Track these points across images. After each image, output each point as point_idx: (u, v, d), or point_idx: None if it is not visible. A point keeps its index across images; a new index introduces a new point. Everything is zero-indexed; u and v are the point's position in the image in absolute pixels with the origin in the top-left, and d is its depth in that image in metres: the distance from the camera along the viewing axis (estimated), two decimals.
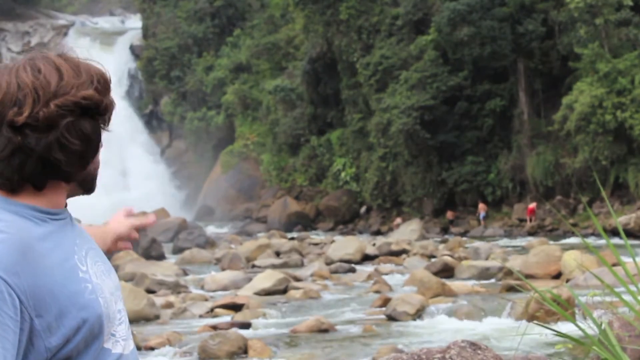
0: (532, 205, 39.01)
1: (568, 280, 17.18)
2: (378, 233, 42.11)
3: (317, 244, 32.96)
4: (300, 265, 25.18)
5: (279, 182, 52.66)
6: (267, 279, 19.61)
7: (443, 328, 14.17)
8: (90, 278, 1.78)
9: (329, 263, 25.05)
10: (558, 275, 18.88)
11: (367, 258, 26.50)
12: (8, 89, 1.72)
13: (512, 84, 42.08)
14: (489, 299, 16.11)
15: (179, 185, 61.39)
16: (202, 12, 62.02)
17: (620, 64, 36.13)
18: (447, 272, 21.13)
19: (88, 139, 1.76)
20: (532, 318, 10.93)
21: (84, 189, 1.87)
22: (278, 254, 27.65)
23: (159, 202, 50.34)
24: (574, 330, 3.43)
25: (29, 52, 1.82)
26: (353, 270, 23.71)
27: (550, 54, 41.07)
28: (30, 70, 1.73)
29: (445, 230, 41.06)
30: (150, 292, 19.14)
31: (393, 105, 42.38)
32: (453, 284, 18.31)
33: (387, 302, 16.25)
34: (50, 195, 1.80)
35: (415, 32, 44.46)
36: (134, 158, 60.80)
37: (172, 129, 64.63)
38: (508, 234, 38.17)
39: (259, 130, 55.95)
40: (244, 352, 12.66)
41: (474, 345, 5.64)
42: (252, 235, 41.09)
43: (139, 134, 64.35)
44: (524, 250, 26.28)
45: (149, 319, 15.92)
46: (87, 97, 1.75)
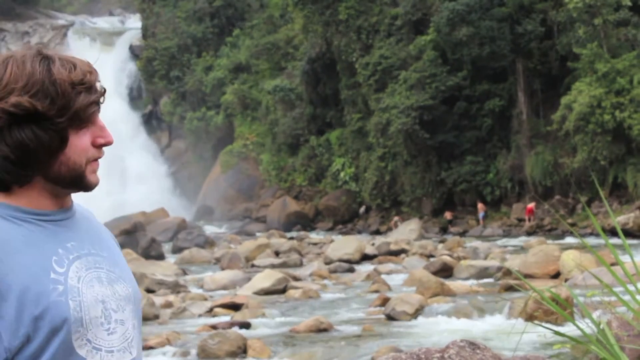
0: (530, 205, 39.02)
1: (567, 280, 17.18)
2: (377, 233, 42.12)
3: (316, 244, 32.99)
4: (300, 265, 25.20)
5: (278, 182, 52.67)
6: (266, 279, 19.63)
7: (442, 328, 14.17)
8: (66, 281, 1.74)
9: (328, 263, 25.07)
10: (557, 275, 18.89)
11: (366, 258, 26.51)
12: None
13: (511, 84, 42.09)
14: (488, 299, 16.11)
15: (178, 185, 61.36)
16: (201, 12, 62.01)
17: (619, 64, 36.13)
18: (446, 271, 21.14)
19: (21, 146, 1.74)
20: (530, 317, 10.95)
21: (74, 188, 1.82)
22: (277, 254, 27.66)
23: (159, 202, 50.33)
24: (573, 330, 3.44)
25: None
26: (352, 270, 23.72)
27: (549, 54, 41.09)
28: None
29: (444, 230, 41.06)
30: (150, 291, 19.16)
31: (392, 105, 42.38)
32: (452, 284, 18.32)
33: (386, 301, 16.25)
34: (29, 195, 1.79)
35: (415, 32, 44.47)
36: (134, 158, 60.76)
37: (171, 129, 64.62)
38: (507, 234, 38.17)
39: (259, 130, 55.96)
40: (243, 351, 12.66)
41: (473, 345, 5.64)
42: (251, 235, 41.07)
43: (139, 134, 64.34)
44: (523, 250, 26.28)
45: (149, 319, 15.92)
46: (16, 104, 1.73)
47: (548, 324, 6.86)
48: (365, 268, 24.06)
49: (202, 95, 60.34)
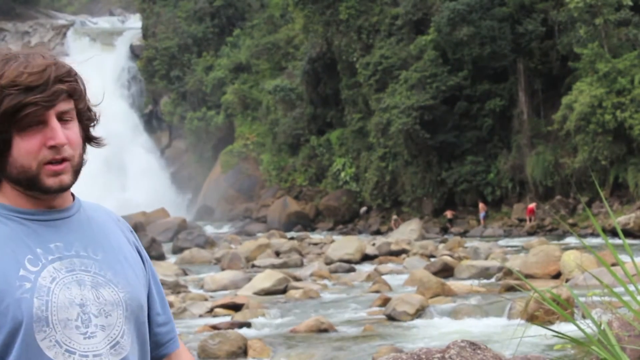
0: (531, 205, 39.01)
1: (567, 280, 17.16)
2: (378, 233, 42.09)
3: (316, 244, 32.96)
4: (300, 265, 25.18)
5: (279, 182, 52.66)
6: (266, 279, 19.62)
7: (443, 328, 14.16)
8: (36, 279, 1.74)
9: (329, 263, 25.05)
10: (557, 275, 18.87)
11: (366, 258, 26.49)
12: None
13: (511, 84, 42.09)
14: (489, 299, 16.10)
15: (179, 185, 61.36)
16: (201, 12, 62.01)
17: (620, 64, 36.13)
18: (446, 272, 21.12)
19: None
20: (531, 318, 10.93)
21: (33, 190, 1.82)
22: (278, 254, 27.66)
23: (159, 202, 50.36)
24: (574, 330, 3.43)
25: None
26: (353, 270, 23.71)
27: (550, 54, 41.08)
28: None
29: (445, 230, 41.06)
30: None
31: (393, 105, 42.37)
32: (453, 284, 18.31)
33: (386, 302, 16.24)
34: (8, 194, 1.81)
35: (415, 32, 44.46)
36: (134, 158, 60.76)
37: (171, 129, 64.62)
38: (507, 234, 38.16)
39: (259, 130, 55.95)
40: (244, 352, 12.66)
41: (474, 345, 5.64)
42: (251, 235, 41.08)
43: (139, 134, 64.32)
44: (524, 250, 26.27)
45: None
46: None
47: (549, 324, 6.86)
48: (366, 268, 24.04)
49: (202, 95, 60.34)
